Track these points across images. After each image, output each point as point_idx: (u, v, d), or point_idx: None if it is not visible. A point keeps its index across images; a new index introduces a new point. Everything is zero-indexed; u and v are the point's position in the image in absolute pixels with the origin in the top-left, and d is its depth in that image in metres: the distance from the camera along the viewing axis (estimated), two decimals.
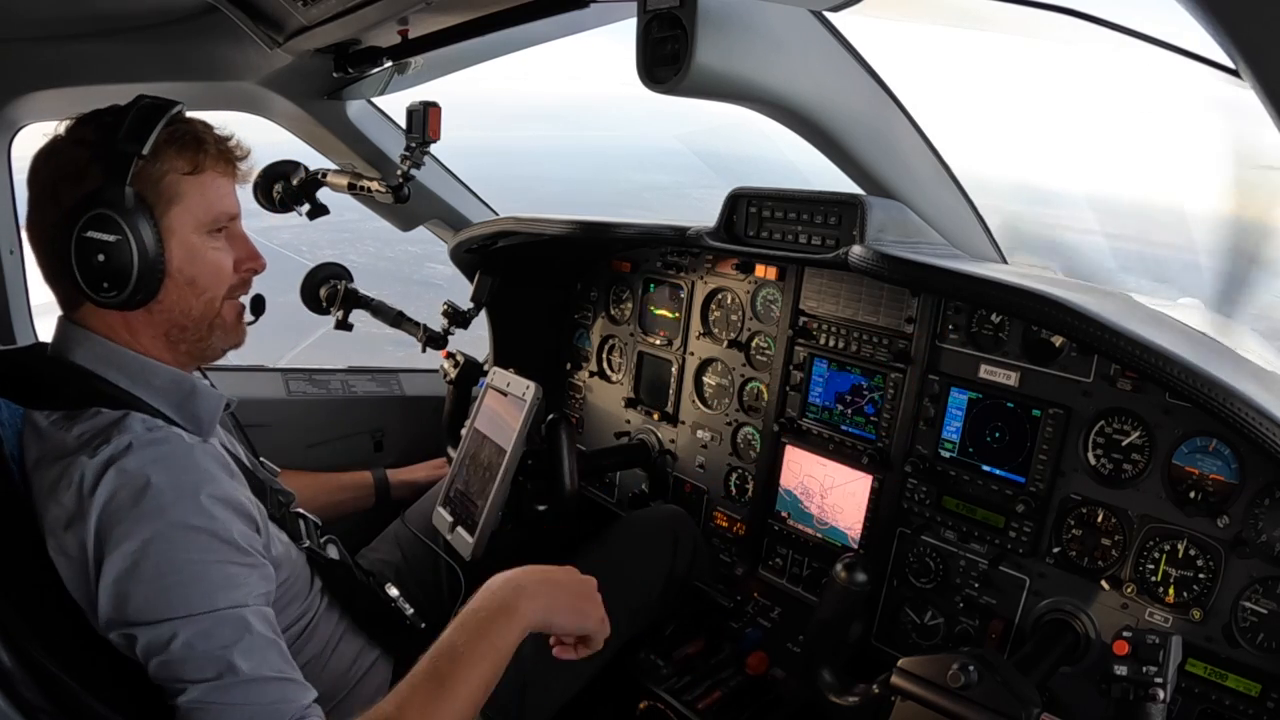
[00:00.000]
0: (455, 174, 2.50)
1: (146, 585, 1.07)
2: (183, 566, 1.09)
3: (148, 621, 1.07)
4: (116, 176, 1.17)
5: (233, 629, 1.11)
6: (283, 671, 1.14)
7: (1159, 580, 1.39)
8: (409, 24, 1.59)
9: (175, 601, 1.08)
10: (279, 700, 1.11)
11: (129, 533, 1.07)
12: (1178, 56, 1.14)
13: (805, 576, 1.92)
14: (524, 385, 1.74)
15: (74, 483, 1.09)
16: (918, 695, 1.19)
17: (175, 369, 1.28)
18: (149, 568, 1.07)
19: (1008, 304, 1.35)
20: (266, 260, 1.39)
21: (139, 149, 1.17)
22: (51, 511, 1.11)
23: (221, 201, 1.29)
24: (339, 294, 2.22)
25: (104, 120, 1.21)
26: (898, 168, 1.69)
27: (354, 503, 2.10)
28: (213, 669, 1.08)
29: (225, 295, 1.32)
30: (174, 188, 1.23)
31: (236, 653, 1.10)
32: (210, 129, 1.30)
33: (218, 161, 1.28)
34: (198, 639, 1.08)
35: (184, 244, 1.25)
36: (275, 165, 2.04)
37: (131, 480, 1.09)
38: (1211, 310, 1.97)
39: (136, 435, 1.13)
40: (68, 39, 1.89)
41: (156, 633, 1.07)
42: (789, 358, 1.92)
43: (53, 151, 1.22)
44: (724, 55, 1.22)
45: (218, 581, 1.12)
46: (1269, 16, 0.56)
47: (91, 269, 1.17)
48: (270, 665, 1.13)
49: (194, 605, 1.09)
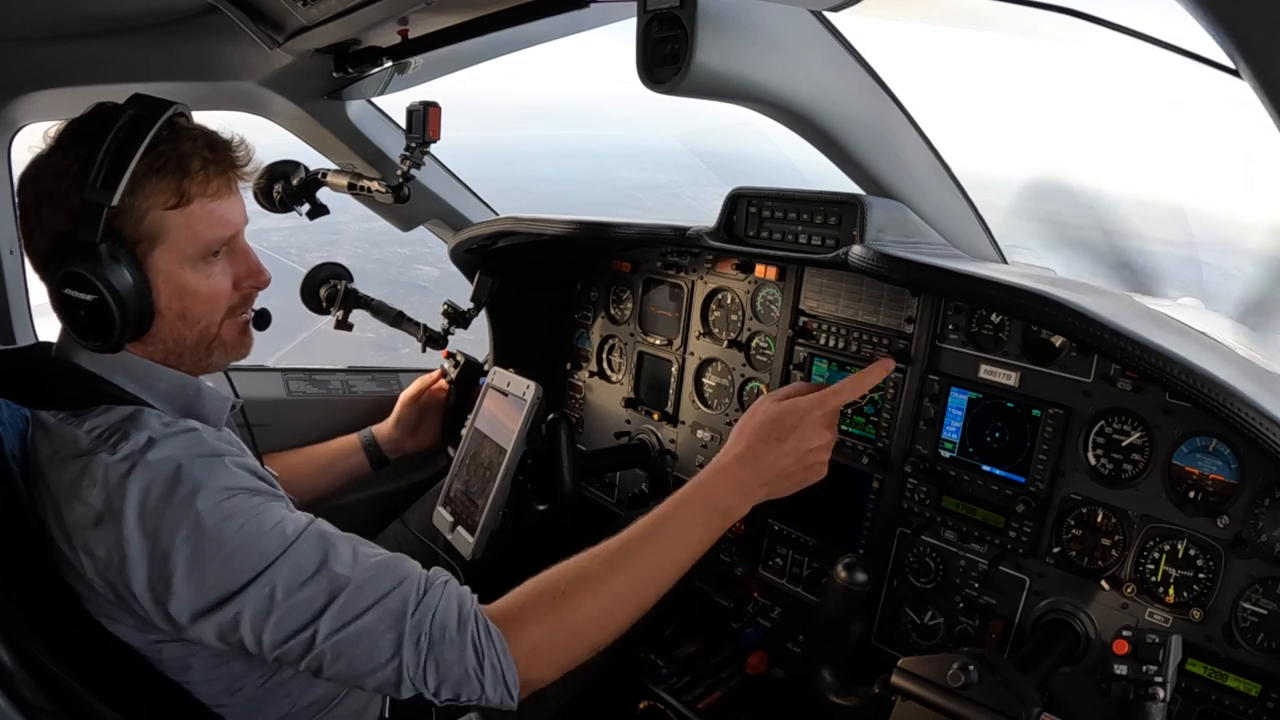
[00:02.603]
0: (455, 174, 2.50)
1: (220, 558, 1.06)
2: (242, 523, 1.09)
3: (241, 587, 1.06)
4: (88, 229, 1.09)
5: (315, 547, 1.11)
6: (379, 553, 1.16)
7: (1159, 580, 1.39)
8: (409, 24, 1.59)
9: (254, 557, 1.08)
10: (395, 581, 1.13)
11: (178, 520, 1.06)
12: (1177, 56, 1.14)
13: (805, 576, 1.92)
14: (524, 385, 1.74)
15: (98, 481, 1.07)
16: (918, 695, 1.19)
17: (180, 373, 1.28)
18: (212, 541, 1.06)
19: (1008, 304, 1.35)
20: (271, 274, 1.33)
21: (109, 199, 1.08)
22: (75, 510, 1.09)
23: (212, 229, 1.21)
24: (339, 294, 2.22)
25: (80, 150, 1.12)
26: (898, 168, 1.69)
27: (348, 471, 2.09)
28: (325, 594, 1.08)
29: (224, 317, 1.28)
30: (157, 225, 1.16)
31: (334, 564, 1.10)
32: (198, 145, 1.20)
33: (206, 185, 1.19)
34: (295, 575, 1.08)
35: (171, 280, 1.19)
36: (275, 165, 2.04)
37: (160, 471, 1.08)
38: (1237, 323, 1.97)
39: (155, 430, 1.13)
40: (68, 39, 1.89)
41: (257, 593, 1.06)
42: (789, 358, 1.92)
43: (36, 176, 1.16)
44: (724, 55, 1.22)
45: (276, 519, 1.12)
46: (1269, 16, 0.56)
47: (75, 322, 1.14)
48: (368, 555, 1.15)
49: (271, 550, 1.09)
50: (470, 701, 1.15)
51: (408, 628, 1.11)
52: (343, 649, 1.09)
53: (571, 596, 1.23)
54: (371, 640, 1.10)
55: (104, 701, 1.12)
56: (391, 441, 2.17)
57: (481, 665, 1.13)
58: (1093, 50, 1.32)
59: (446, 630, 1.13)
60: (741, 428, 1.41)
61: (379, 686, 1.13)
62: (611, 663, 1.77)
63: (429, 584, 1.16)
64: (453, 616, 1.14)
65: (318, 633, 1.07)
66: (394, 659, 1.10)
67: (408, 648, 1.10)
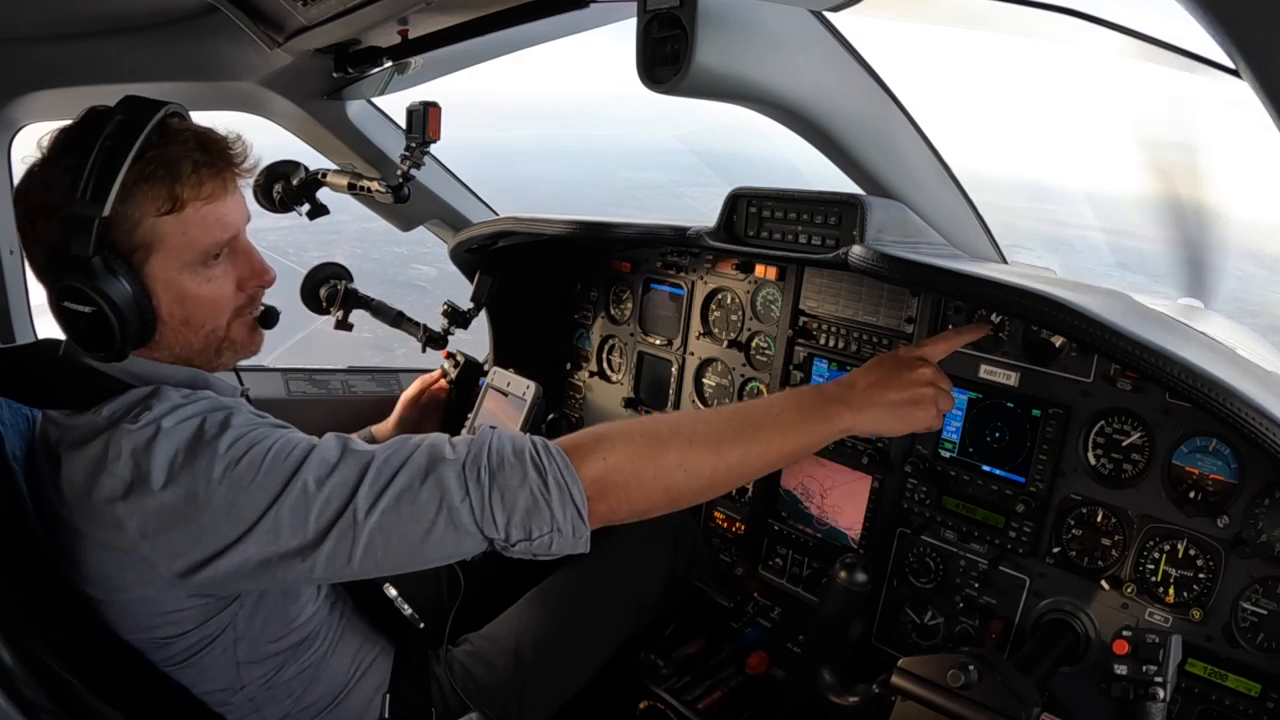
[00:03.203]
0: (455, 174, 2.50)
1: (254, 481, 1.07)
2: (268, 447, 1.10)
3: (278, 495, 1.06)
4: (80, 242, 1.08)
5: (334, 443, 1.13)
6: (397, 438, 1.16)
7: (1159, 580, 1.39)
8: (409, 24, 1.59)
9: (280, 471, 1.08)
10: (418, 444, 1.13)
11: (210, 462, 1.06)
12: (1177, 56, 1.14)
13: (805, 576, 1.92)
14: (524, 385, 1.74)
15: (124, 451, 1.07)
16: (918, 695, 1.19)
17: (188, 368, 1.27)
18: (245, 464, 1.07)
19: (1008, 304, 1.34)
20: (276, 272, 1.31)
21: (99, 211, 1.07)
22: (105, 485, 1.07)
23: (209, 234, 1.18)
24: (339, 294, 2.22)
25: (68, 162, 1.10)
26: (898, 168, 1.69)
27: None
28: (355, 473, 1.08)
29: (231, 318, 1.26)
30: (151, 233, 1.13)
31: (355, 447, 1.12)
32: (189, 148, 1.16)
33: (199, 188, 1.16)
34: (322, 467, 1.09)
35: (171, 287, 1.17)
36: (275, 165, 2.04)
37: (183, 432, 1.09)
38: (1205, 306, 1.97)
39: (174, 401, 1.13)
40: (67, 39, 1.89)
41: (291, 494, 1.06)
42: (789, 358, 1.92)
43: (27, 191, 1.14)
44: (724, 55, 1.22)
45: (295, 437, 1.14)
46: (1269, 16, 0.56)
47: (77, 334, 1.14)
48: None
49: (298, 455, 1.10)
50: (543, 536, 1.10)
51: (464, 465, 1.09)
52: (387, 521, 1.06)
53: (662, 440, 1.18)
54: (411, 499, 1.07)
55: (105, 700, 1.12)
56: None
57: (545, 483, 1.09)
58: (1087, 49, 1.32)
59: (505, 458, 1.10)
60: (874, 361, 1.38)
61: (446, 550, 1.09)
62: (611, 663, 1.77)
63: (471, 437, 1.14)
64: (508, 446, 1.12)
65: (357, 509, 1.06)
66: (454, 504, 1.07)
67: (471, 486, 1.07)
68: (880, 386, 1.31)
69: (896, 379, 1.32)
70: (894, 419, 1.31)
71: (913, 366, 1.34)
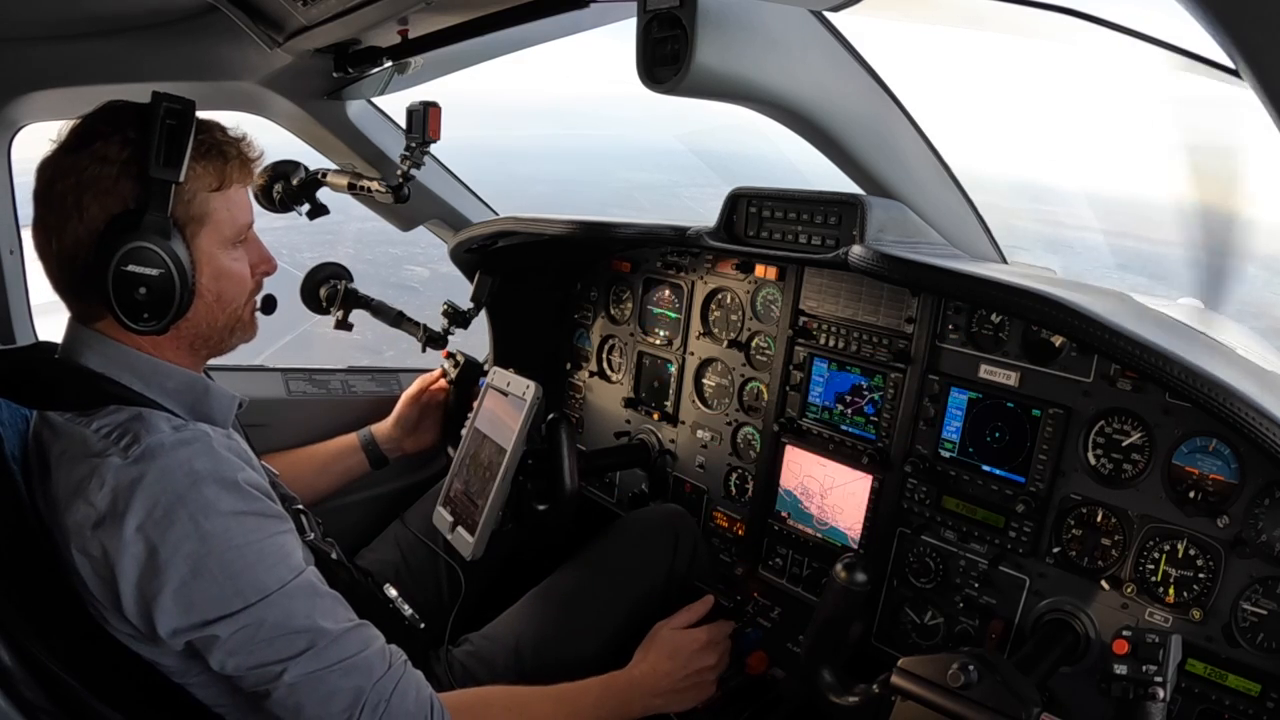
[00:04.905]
0: (455, 174, 2.50)
1: (216, 581, 1.08)
2: (245, 552, 1.10)
3: (227, 614, 1.08)
4: (157, 205, 1.13)
5: (306, 596, 1.14)
6: (354, 619, 1.20)
7: (1159, 580, 1.39)
8: (409, 24, 1.59)
9: (247, 588, 1.09)
10: (364, 645, 1.17)
11: (182, 537, 1.07)
12: (1176, 55, 1.14)
13: (805, 576, 1.92)
14: (524, 385, 1.74)
15: (106, 483, 1.07)
16: (918, 695, 1.19)
17: (189, 371, 1.28)
18: (214, 564, 1.08)
19: (1008, 304, 1.35)
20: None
21: (176, 176, 1.14)
22: (79, 510, 1.09)
23: (245, 214, 1.29)
24: (339, 294, 2.22)
25: (127, 135, 1.15)
26: (898, 168, 1.69)
27: (347, 471, 2.10)
28: (304, 640, 1.11)
29: (248, 299, 1.34)
30: (204, 206, 1.22)
31: (319, 616, 1.14)
32: (225, 133, 1.27)
33: (240, 172, 1.26)
34: (282, 617, 1.10)
35: (212, 262, 1.24)
36: (275, 165, 2.04)
37: (170, 484, 1.08)
38: (1208, 308, 1.97)
39: (165, 435, 1.12)
40: (68, 39, 1.89)
41: (242, 624, 1.08)
42: (789, 358, 1.92)
43: (73, 167, 1.16)
44: (724, 55, 1.22)
45: (277, 555, 1.14)
46: (1269, 16, 0.56)
47: (132, 302, 1.14)
48: (345, 617, 1.19)
49: (267, 585, 1.11)
50: None
51: (369, 692, 1.15)
52: (301, 692, 1.12)
53: (520, 711, 1.41)
54: (329, 692, 1.13)
55: (104, 701, 1.12)
56: (391, 441, 2.17)
57: None
58: (1086, 49, 1.32)
59: (405, 702, 1.19)
60: (644, 648, 1.65)
61: None
62: (611, 663, 1.77)
63: (393, 657, 1.22)
64: (412, 692, 1.21)
65: (286, 672, 1.11)
66: (345, 715, 1.14)
67: (367, 712, 1.15)
68: (665, 678, 1.60)
69: (677, 669, 1.61)
70: (679, 701, 1.62)
71: (695, 652, 1.64)
